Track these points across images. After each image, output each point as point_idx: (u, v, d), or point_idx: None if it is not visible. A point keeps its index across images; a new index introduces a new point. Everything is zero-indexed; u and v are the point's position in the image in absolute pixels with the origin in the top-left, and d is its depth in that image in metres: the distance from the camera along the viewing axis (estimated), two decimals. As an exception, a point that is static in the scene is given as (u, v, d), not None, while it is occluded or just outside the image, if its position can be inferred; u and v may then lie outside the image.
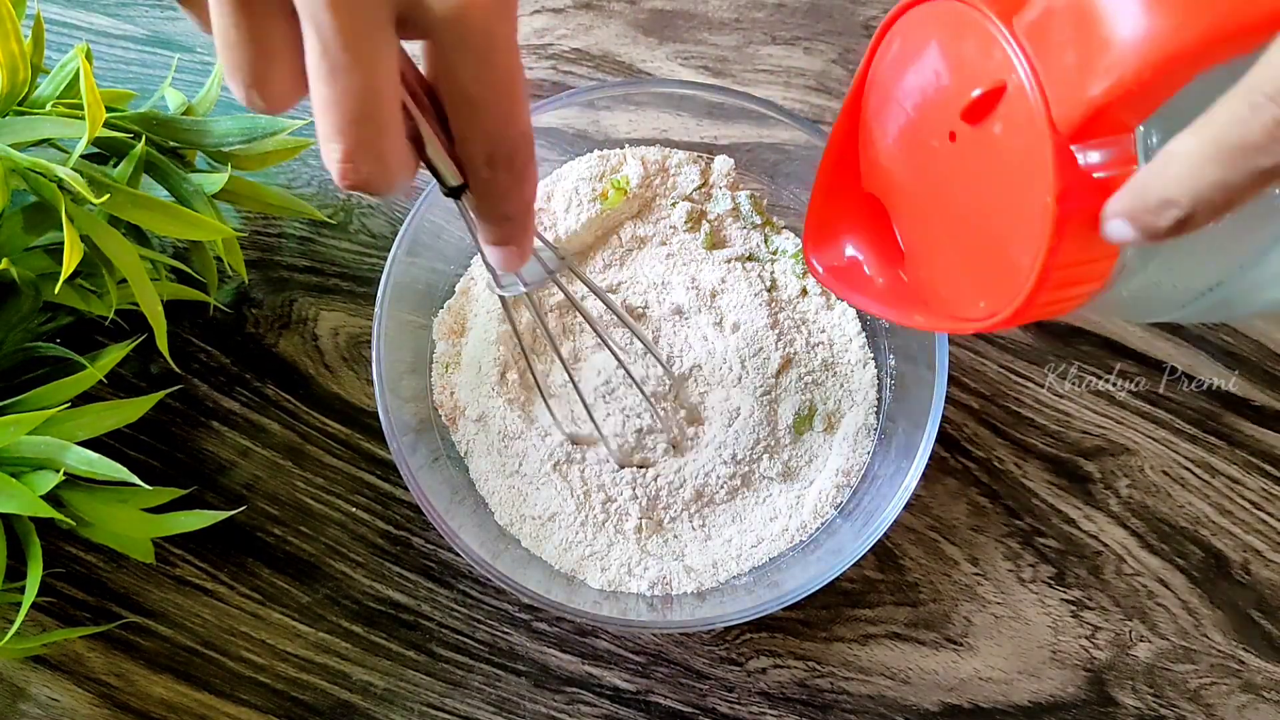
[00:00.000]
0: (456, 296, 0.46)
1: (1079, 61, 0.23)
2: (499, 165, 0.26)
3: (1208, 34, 0.21)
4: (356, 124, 0.23)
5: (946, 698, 0.44)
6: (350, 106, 0.23)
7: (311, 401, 0.47)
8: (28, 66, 0.38)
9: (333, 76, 0.22)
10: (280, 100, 0.24)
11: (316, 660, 0.44)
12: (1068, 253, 0.25)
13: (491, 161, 0.26)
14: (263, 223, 0.50)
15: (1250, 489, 0.46)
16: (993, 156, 0.26)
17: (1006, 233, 0.26)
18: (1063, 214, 0.24)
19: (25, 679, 0.44)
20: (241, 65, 0.23)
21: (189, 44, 0.52)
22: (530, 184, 0.28)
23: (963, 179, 0.28)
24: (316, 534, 0.46)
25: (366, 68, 0.22)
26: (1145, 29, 0.21)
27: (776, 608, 0.38)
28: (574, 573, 0.43)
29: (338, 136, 0.23)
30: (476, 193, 0.27)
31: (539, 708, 0.44)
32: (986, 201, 0.27)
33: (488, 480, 0.44)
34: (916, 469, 0.40)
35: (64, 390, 0.39)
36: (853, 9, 0.51)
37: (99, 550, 0.45)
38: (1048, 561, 0.45)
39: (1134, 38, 0.22)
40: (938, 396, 0.40)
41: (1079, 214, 0.24)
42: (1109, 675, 0.44)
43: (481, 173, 0.26)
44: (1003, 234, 0.27)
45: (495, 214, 0.28)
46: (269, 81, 0.24)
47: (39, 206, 0.38)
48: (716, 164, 0.47)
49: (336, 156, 0.23)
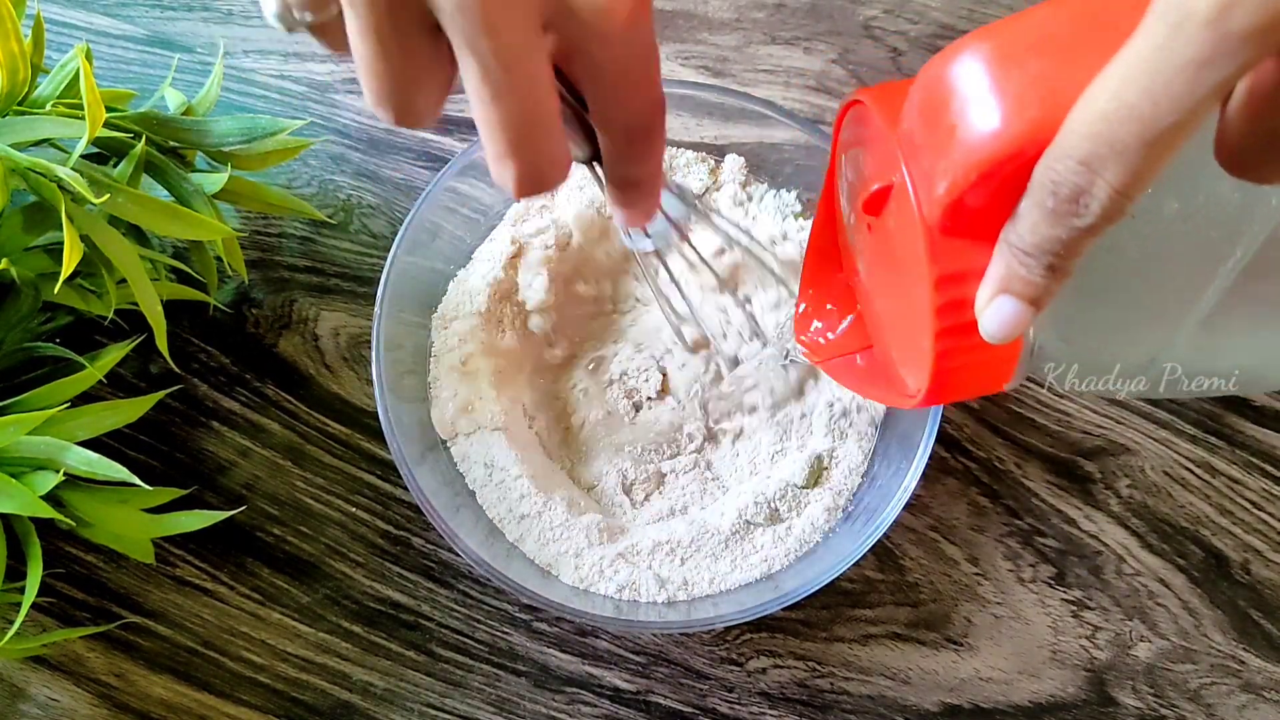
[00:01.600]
0: (450, 294, 0.46)
1: (930, 164, 0.24)
2: (636, 136, 0.28)
3: (1025, 134, 0.22)
4: (525, 139, 0.24)
5: (946, 698, 0.44)
6: (519, 124, 0.23)
7: (311, 401, 0.47)
8: (28, 66, 0.38)
9: (497, 100, 0.23)
10: (428, 119, 0.25)
11: (316, 660, 0.44)
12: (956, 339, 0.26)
13: (629, 134, 0.27)
14: (263, 223, 0.50)
15: (1251, 489, 0.46)
16: (892, 247, 0.28)
17: (911, 316, 0.28)
18: (943, 301, 0.25)
19: (25, 679, 0.44)
20: (390, 94, 0.24)
21: (189, 44, 0.52)
22: (660, 149, 0.29)
23: (880, 265, 0.31)
24: (316, 534, 0.46)
25: (529, 84, 0.23)
26: (971, 132, 0.23)
27: (776, 608, 0.38)
28: (567, 571, 0.43)
29: (510, 155, 0.24)
30: (612, 160, 0.28)
31: (539, 708, 0.44)
32: (897, 287, 0.30)
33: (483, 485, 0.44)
34: (916, 469, 0.40)
35: (64, 390, 0.39)
36: (853, 9, 0.51)
37: (99, 550, 0.45)
38: (1048, 561, 0.45)
39: (965, 139, 0.23)
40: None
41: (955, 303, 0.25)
42: (1109, 675, 0.44)
43: (619, 143, 0.28)
44: (910, 318, 0.28)
45: (628, 179, 0.29)
46: (416, 104, 0.24)
47: (39, 206, 0.38)
48: (727, 162, 0.46)
49: (512, 174, 0.24)
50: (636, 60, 0.25)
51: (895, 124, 0.26)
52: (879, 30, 0.51)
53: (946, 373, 0.27)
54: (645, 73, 0.26)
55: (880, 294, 0.32)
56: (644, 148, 0.28)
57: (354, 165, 0.50)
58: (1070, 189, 0.21)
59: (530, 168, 0.24)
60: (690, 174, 0.46)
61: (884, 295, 0.32)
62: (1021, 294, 0.23)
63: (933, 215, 0.25)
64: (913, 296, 0.27)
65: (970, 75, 0.23)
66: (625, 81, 0.25)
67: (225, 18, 0.52)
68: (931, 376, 0.27)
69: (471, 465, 0.44)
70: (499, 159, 0.24)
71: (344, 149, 0.51)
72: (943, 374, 0.27)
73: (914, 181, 0.25)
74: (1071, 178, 0.20)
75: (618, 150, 0.28)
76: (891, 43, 0.50)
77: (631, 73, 0.25)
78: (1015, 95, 0.22)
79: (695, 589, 0.42)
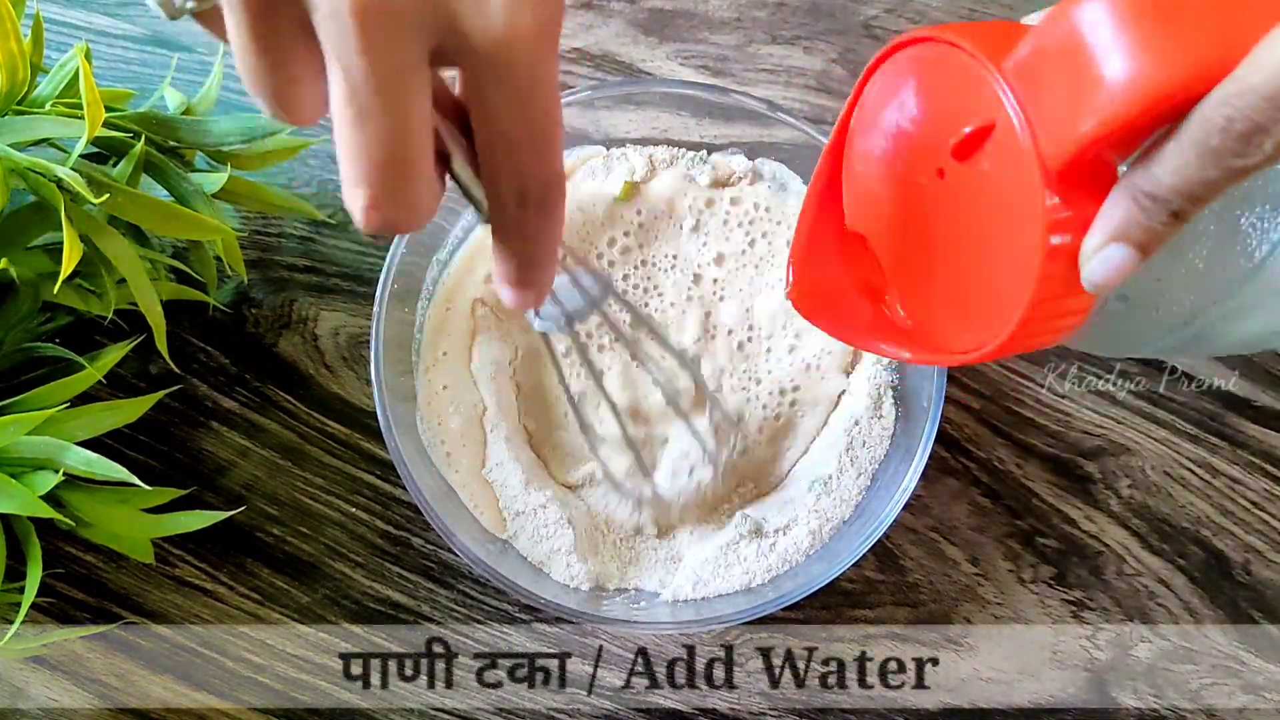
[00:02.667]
0: (438, 295, 0.45)
1: (1068, 100, 0.24)
2: (529, 205, 0.25)
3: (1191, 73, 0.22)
4: (383, 170, 0.22)
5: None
6: (377, 152, 0.21)
7: (311, 401, 0.47)
8: (27, 66, 0.38)
9: (360, 121, 0.21)
10: (306, 118, 0.23)
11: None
12: (1053, 287, 0.26)
13: (522, 201, 0.25)
14: (263, 223, 0.50)
15: (1251, 489, 0.46)
16: (981, 193, 0.27)
17: (994, 267, 0.27)
18: (1050, 248, 0.25)
19: (25, 679, 0.44)
20: (265, 88, 0.22)
21: (189, 44, 0.52)
22: (559, 226, 0.26)
23: (951, 215, 0.29)
24: (316, 534, 0.46)
25: (397, 112, 0.21)
26: (1132, 69, 0.22)
27: (776, 608, 0.38)
28: (559, 569, 0.43)
29: (362, 183, 0.22)
30: (502, 231, 0.26)
31: (539, 708, 0.44)
32: (974, 236, 0.28)
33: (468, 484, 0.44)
34: (916, 469, 0.40)
35: (63, 390, 0.39)
36: (853, 8, 0.51)
37: (99, 550, 0.45)
38: (1048, 562, 0.45)
39: (1122, 77, 0.23)
40: (937, 397, 0.40)
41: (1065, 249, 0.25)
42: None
43: (510, 210, 0.25)
44: (990, 268, 0.27)
45: (520, 255, 0.26)
46: (293, 102, 0.22)
47: (38, 206, 0.38)
48: (734, 163, 0.46)
49: (360, 203, 0.22)
50: (535, 113, 0.23)
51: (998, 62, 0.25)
52: (880, 30, 0.50)
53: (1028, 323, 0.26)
54: (544, 131, 0.23)
55: (933, 247, 0.30)
56: (537, 222, 0.25)
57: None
58: (1247, 126, 0.20)
59: (383, 204, 0.22)
60: (696, 171, 0.46)
61: (940, 248, 0.30)
62: (1136, 240, 0.23)
63: (1061, 154, 0.24)
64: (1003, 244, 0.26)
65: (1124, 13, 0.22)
66: (519, 135, 0.23)
67: (225, 17, 0.52)
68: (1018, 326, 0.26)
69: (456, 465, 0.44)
70: (349, 184, 0.22)
71: (344, 149, 0.51)
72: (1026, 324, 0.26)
73: (1031, 121, 0.25)
74: (1253, 115, 0.20)
75: (504, 218, 0.25)
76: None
77: (528, 127, 0.23)
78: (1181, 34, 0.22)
79: (694, 589, 0.42)
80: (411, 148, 0.22)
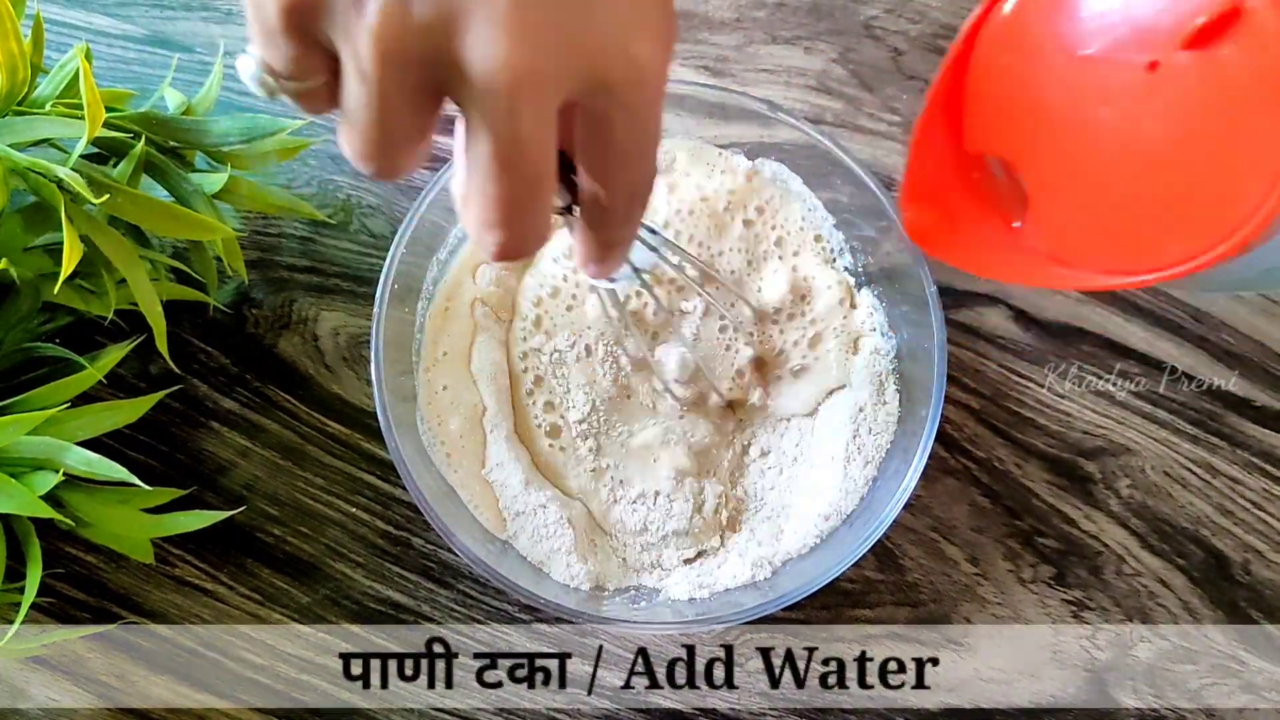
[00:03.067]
0: (438, 295, 0.45)
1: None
2: (636, 201, 0.27)
3: None
4: (521, 214, 0.23)
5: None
6: (518, 199, 0.22)
7: (311, 402, 0.47)
8: (27, 66, 0.38)
9: (501, 175, 0.22)
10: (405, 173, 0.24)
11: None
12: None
13: (630, 199, 0.26)
14: (263, 223, 0.50)
15: (1251, 489, 0.46)
16: (1216, 83, 0.26)
17: (1224, 164, 0.26)
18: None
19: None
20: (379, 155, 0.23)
21: (189, 44, 0.52)
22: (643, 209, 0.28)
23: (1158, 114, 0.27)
24: (316, 534, 0.46)
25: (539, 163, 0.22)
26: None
27: (776, 608, 0.38)
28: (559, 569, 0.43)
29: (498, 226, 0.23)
30: (597, 222, 0.27)
31: (539, 708, 0.44)
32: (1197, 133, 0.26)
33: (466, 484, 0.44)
34: (915, 470, 0.40)
35: (63, 390, 0.39)
36: (853, 8, 0.51)
37: (99, 550, 0.45)
38: (1048, 562, 0.45)
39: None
40: (936, 397, 0.40)
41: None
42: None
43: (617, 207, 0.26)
44: (1217, 166, 0.26)
45: (610, 240, 0.28)
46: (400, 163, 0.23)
47: (38, 206, 0.38)
48: (734, 162, 0.46)
49: (497, 243, 0.23)
50: (652, 130, 0.24)
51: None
52: (880, 30, 0.50)
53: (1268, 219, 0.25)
54: (653, 142, 0.25)
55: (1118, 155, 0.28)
56: (637, 211, 0.27)
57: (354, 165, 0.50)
58: None
59: (517, 239, 0.23)
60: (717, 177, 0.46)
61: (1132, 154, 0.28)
62: None
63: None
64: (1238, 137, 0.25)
65: None
66: (638, 150, 0.25)
67: (225, 17, 0.52)
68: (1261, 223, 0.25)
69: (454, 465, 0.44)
70: (486, 227, 0.23)
71: (344, 149, 0.51)
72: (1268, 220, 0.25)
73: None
74: None
75: (610, 213, 0.27)
76: (892, 42, 0.50)
77: (646, 142, 0.25)
78: None
79: (693, 589, 0.42)
80: (545, 190, 0.23)
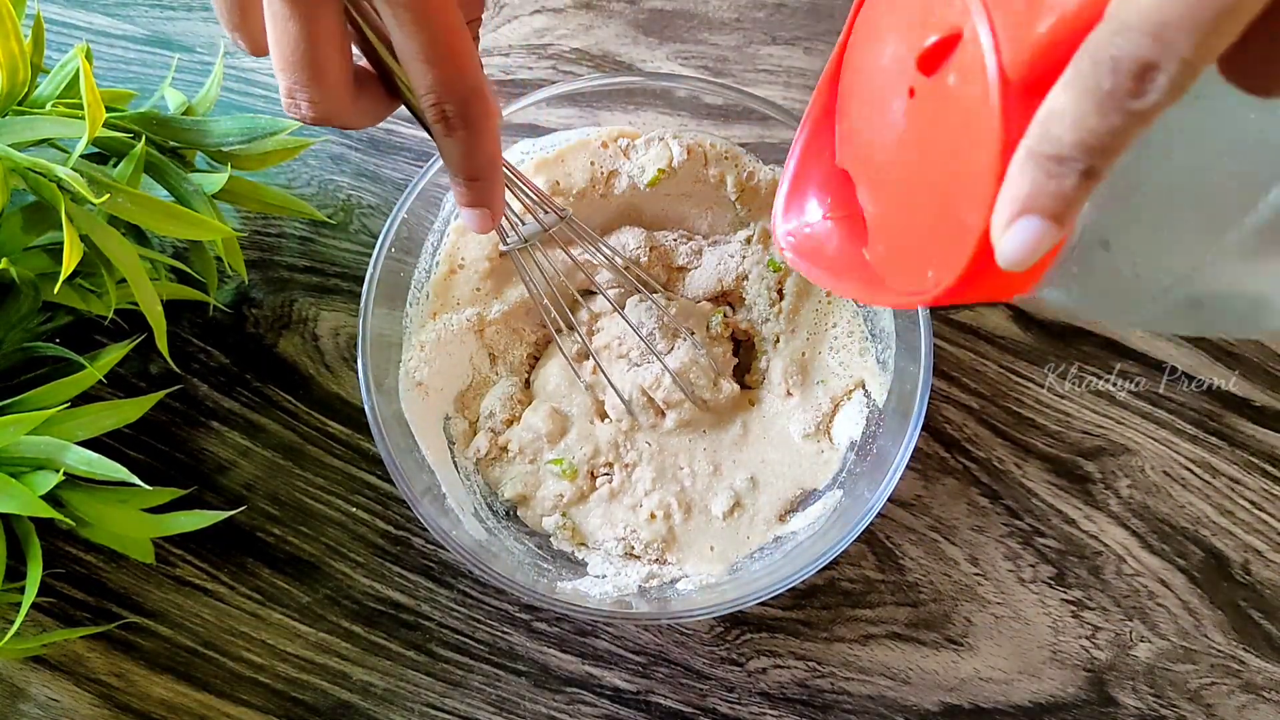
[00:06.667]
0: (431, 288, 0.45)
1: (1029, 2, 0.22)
2: (452, 120, 0.29)
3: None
4: (296, 65, 0.27)
5: (946, 698, 0.44)
6: (289, 49, 0.27)
7: (311, 401, 0.47)
8: (27, 66, 0.38)
9: (274, 22, 0.27)
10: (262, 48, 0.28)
11: (316, 660, 0.44)
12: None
13: (442, 116, 0.28)
14: (263, 223, 0.50)
15: (1251, 489, 0.46)
16: (946, 110, 0.25)
17: (956, 192, 0.25)
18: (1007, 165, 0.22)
19: (25, 679, 0.44)
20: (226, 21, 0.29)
21: (189, 44, 0.52)
22: (488, 140, 0.29)
23: (918, 138, 0.27)
24: (316, 534, 0.46)
25: (303, 19, 0.26)
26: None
27: (768, 595, 0.38)
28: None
29: (280, 72, 0.28)
30: (441, 151, 0.30)
31: (539, 708, 0.44)
32: (939, 160, 0.26)
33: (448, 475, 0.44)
34: (902, 459, 0.39)
35: (64, 390, 0.39)
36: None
37: (99, 550, 0.45)
38: (1048, 561, 0.45)
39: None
40: (923, 388, 0.39)
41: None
42: (1109, 675, 0.44)
43: (437, 127, 0.29)
44: (953, 194, 0.25)
45: (462, 172, 0.30)
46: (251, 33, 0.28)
47: (39, 206, 0.38)
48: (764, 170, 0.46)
49: (282, 88, 0.28)
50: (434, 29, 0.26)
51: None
52: (879, 30, 0.50)
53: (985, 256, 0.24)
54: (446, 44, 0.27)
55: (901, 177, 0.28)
56: (466, 137, 0.29)
57: (354, 165, 0.50)
58: (1134, 65, 0.19)
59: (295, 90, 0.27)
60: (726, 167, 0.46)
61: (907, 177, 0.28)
62: (1048, 210, 0.21)
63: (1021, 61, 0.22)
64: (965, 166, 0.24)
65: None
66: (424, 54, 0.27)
67: (225, 18, 0.52)
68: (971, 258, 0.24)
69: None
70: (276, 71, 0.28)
71: (344, 149, 0.51)
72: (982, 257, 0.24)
73: (995, 27, 0.22)
74: (1137, 52, 0.19)
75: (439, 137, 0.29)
76: (891, 43, 0.50)
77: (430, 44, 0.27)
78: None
79: (684, 582, 0.42)
80: (317, 49, 0.27)
